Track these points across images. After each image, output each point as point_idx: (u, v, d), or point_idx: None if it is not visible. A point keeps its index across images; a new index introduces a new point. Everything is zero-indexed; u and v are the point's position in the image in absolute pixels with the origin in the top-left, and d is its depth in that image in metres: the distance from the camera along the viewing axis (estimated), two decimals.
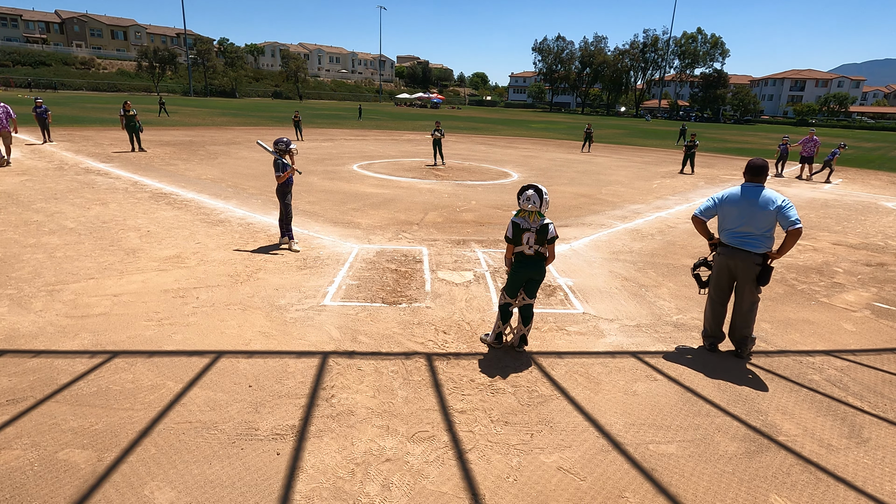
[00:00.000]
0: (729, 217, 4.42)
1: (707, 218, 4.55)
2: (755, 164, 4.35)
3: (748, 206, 4.29)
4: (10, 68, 71.30)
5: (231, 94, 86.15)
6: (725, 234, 4.48)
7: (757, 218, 4.25)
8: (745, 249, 4.34)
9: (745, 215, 4.30)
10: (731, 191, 4.46)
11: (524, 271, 4.34)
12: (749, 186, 4.37)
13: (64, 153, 15.55)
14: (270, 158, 16.89)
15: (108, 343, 4.34)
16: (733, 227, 4.39)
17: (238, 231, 8.05)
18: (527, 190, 4.24)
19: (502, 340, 4.59)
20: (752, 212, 4.26)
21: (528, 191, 4.23)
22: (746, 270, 4.37)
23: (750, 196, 4.31)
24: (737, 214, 4.35)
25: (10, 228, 7.56)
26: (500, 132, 37.11)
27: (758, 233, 4.28)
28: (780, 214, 4.17)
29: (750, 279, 4.38)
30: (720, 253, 4.53)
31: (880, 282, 7.09)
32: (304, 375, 3.99)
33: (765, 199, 4.24)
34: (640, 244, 8.50)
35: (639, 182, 15.98)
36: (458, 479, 2.98)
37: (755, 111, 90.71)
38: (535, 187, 4.24)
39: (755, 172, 4.35)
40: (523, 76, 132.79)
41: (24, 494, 2.69)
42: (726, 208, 4.42)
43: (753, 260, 4.32)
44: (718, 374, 4.35)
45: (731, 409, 3.82)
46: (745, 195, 4.34)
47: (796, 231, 4.09)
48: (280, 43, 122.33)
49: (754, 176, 4.36)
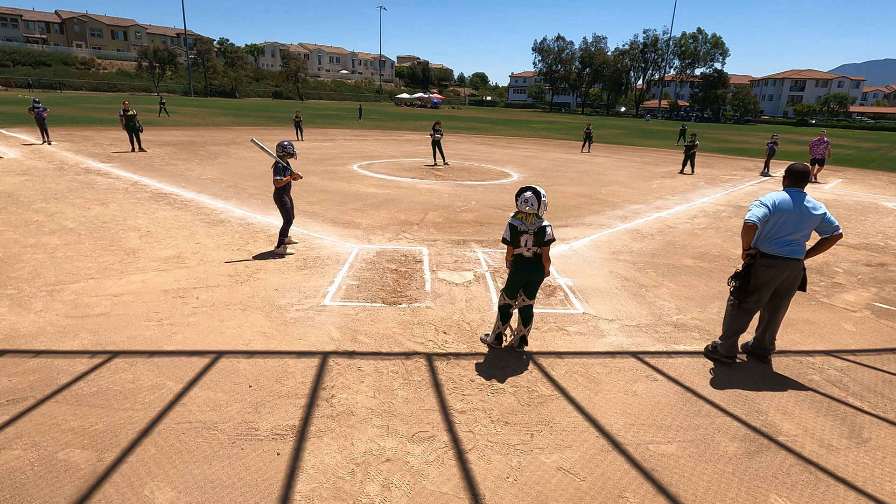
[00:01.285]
0: (783, 225, 4.14)
1: (761, 225, 4.20)
2: (798, 169, 4.21)
3: (799, 213, 4.12)
4: (11, 68, 71.30)
5: (231, 94, 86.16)
6: (774, 243, 4.18)
7: (805, 224, 4.13)
8: (794, 258, 4.17)
9: (797, 222, 4.13)
10: (781, 196, 4.18)
11: (523, 273, 4.34)
12: (795, 192, 4.19)
13: (64, 153, 15.56)
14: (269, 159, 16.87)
15: (109, 343, 4.34)
16: (784, 235, 4.15)
17: (238, 231, 8.05)
18: (525, 192, 4.22)
19: (502, 341, 4.59)
20: (803, 218, 4.12)
21: (527, 192, 4.21)
22: (794, 279, 4.24)
23: (800, 202, 4.14)
24: (790, 221, 4.13)
25: (11, 228, 7.56)
26: (500, 132, 37.11)
27: (803, 239, 4.19)
28: (824, 220, 4.11)
29: (794, 287, 4.27)
30: (765, 264, 4.20)
31: (880, 282, 7.09)
32: (304, 375, 3.99)
33: (812, 205, 4.14)
34: (640, 244, 8.50)
35: (639, 182, 15.98)
36: (458, 479, 2.98)
37: (755, 111, 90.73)
38: (533, 189, 4.23)
39: (798, 178, 4.21)
40: (523, 76, 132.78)
41: (24, 494, 2.69)
42: (780, 215, 4.13)
43: (800, 267, 4.21)
44: (718, 374, 4.35)
45: (731, 409, 3.82)
46: (796, 201, 4.14)
47: (838, 236, 4.10)
48: (280, 43, 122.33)
49: (798, 181, 4.21)
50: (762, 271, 4.21)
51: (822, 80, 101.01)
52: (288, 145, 6.83)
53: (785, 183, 4.28)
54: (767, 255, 4.19)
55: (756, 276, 4.26)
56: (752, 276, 4.28)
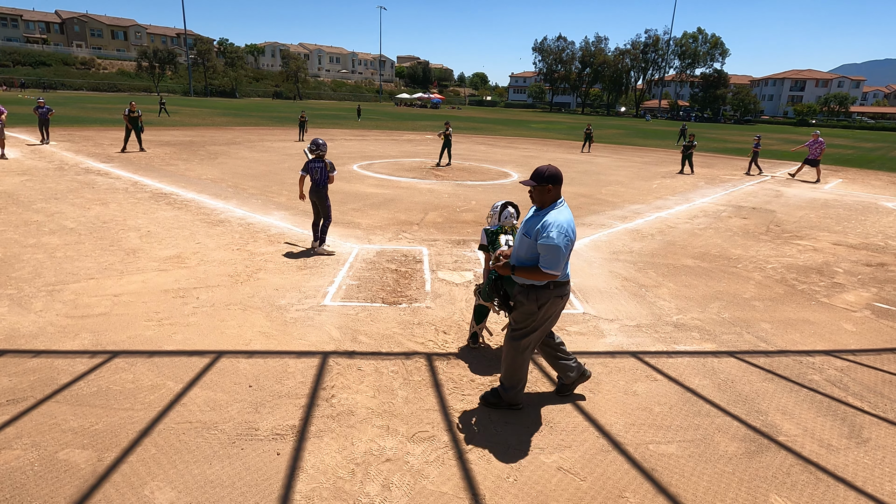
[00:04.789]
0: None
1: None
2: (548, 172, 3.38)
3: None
4: (11, 68, 71.31)
5: (231, 94, 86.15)
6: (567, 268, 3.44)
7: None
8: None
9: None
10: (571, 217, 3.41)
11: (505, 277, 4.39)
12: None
13: (64, 153, 15.56)
14: (269, 159, 16.90)
15: (109, 343, 4.34)
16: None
17: (238, 231, 8.05)
18: (507, 207, 4.50)
19: (478, 340, 4.62)
20: None
21: (509, 208, 4.50)
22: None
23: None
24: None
25: (11, 228, 7.56)
26: (500, 132, 37.10)
27: None
28: None
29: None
30: (559, 294, 3.42)
31: (880, 282, 7.09)
32: (305, 375, 3.99)
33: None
34: (640, 244, 8.50)
35: (639, 182, 15.98)
36: (458, 479, 2.98)
37: (755, 111, 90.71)
38: (511, 204, 4.54)
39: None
40: (523, 76, 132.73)
41: (24, 494, 2.69)
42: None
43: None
44: (718, 374, 4.35)
45: (731, 410, 3.82)
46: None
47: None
48: (280, 43, 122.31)
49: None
50: (558, 302, 3.41)
51: (822, 80, 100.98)
52: (324, 144, 7.01)
53: (556, 193, 3.34)
54: (562, 284, 3.39)
55: (551, 307, 3.43)
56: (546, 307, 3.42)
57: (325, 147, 6.98)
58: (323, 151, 6.93)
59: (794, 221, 10.97)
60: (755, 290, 6.48)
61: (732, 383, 4.20)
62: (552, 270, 3.17)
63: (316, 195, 6.94)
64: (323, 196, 6.96)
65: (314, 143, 6.93)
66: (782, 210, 12.26)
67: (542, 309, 3.36)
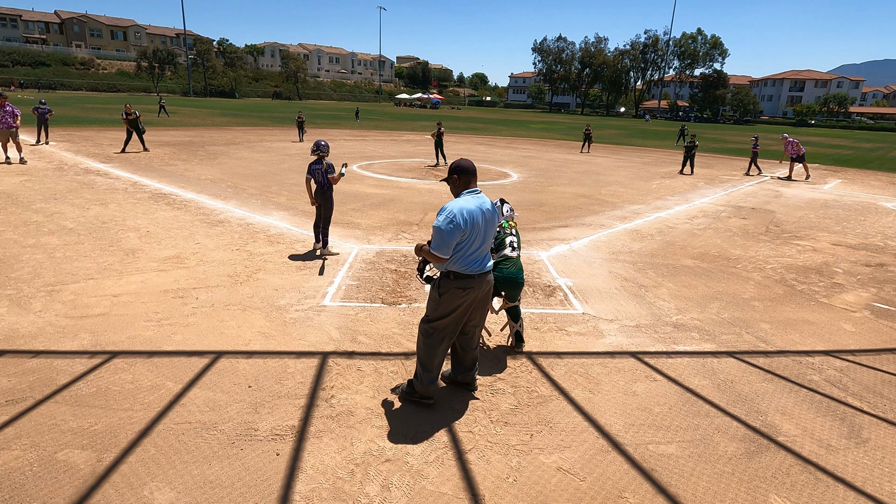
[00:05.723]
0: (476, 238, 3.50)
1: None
2: (462, 165, 3.53)
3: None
4: (10, 69, 71.27)
5: (231, 94, 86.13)
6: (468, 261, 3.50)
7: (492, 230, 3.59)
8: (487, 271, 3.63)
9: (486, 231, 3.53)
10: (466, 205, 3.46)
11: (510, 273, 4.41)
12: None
13: (63, 153, 15.55)
14: (269, 159, 16.90)
15: (108, 343, 4.34)
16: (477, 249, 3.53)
17: (238, 231, 8.04)
18: (505, 203, 4.74)
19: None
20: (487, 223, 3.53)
21: (506, 204, 4.72)
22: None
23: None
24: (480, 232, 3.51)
25: (10, 229, 7.56)
26: (500, 132, 37.12)
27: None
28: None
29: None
30: (460, 286, 3.48)
31: (880, 282, 7.09)
32: (304, 376, 3.99)
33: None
34: (639, 244, 8.50)
35: (638, 182, 15.99)
36: (458, 479, 2.98)
37: (755, 112, 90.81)
38: (503, 200, 4.76)
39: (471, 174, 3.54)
40: (523, 76, 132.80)
41: (23, 495, 2.69)
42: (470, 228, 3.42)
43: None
44: (718, 374, 4.35)
45: (731, 410, 3.82)
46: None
47: None
48: (280, 43, 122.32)
49: (472, 178, 3.55)
50: (459, 294, 3.44)
51: (822, 80, 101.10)
52: (324, 145, 6.99)
53: (459, 183, 3.50)
54: (463, 277, 3.43)
55: (452, 298, 3.46)
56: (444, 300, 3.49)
57: (327, 148, 6.95)
58: (324, 153, 6.91)
59: (794, 222, 10.98)
60: (755, 291, 6.48)
61: (732, 383, 4.20)
62: (437, 252, 3.34)
63: (321, 196, 6.94)
64: (327, 197, 6.96)
65: (315, 145, 6.93)
66: (782, 210, 12.26)
67: (443, 298, 3.46)
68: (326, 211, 6.99)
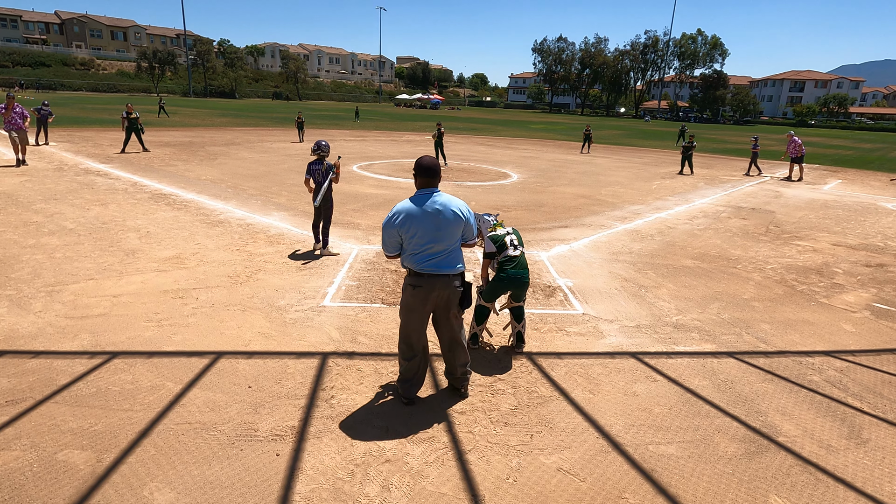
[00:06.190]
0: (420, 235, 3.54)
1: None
2: (425, 163, 3.54)
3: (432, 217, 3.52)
4: (10, 69, 71.29)
5: (231, 94, 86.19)
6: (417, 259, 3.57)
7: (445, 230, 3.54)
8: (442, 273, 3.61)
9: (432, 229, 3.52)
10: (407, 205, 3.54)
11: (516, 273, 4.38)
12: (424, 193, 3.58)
13: (63, 154, 15.55)
14: (269, 160, 16.90)
15: (108, 344, 4.34)
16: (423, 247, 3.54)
17: (238, 232, 8.04)
18: (489, 215, 4.72)
19: (478, 341, 4.62)
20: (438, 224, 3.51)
21: (490, 215, 4.73)
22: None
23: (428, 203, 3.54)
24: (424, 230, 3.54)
25: (10, 229, 7.56)
26: (500, 133, 37.13)
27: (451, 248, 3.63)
28: (467, 224, 3.64)
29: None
30: (412, 283, 3.58)
31: (880, 282, 7.09)
32: (304, 376, 3.99)
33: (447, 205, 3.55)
34: (639, 245, 8.50)
35: (638, 183, 15.99)
36: (458, 479, 2.98)
37: (754, 112, 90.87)
38: (489, 214, 4.76)
39: (428, 173, 3.55)
40: (523, 77, 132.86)
41: (23, 495, 2.69)
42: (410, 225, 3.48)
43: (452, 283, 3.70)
44: (718, 374, 4.35)
45: (731, 410, 3.82)
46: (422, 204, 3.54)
47: (472, 245, 3.82)
48: (280, 44, 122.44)
49: (430, 177, 3.56)
50: (410, 291, 3.54)
51: (822, 80, 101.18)
52: (325, 145, 6.97)
53: (417, 182, 3.56)
54: (414, 274, 3.52)
55: (407, 295, 3.57)
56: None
57: (327, 149, 6.94)
58: (324, 153, 6.90)
59: (794, 222, 10.98)
60: (755, 291, 6.48)
61: (732, 384, 4.20)
62: (383, 249, 3.59)
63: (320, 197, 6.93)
64: (327, 197, 6.95)
65: (316, 144, 6.92)
66: (782, 211, 12.27)
67: (403, 295, 3.61)
68: (326, 211, 6.99)
